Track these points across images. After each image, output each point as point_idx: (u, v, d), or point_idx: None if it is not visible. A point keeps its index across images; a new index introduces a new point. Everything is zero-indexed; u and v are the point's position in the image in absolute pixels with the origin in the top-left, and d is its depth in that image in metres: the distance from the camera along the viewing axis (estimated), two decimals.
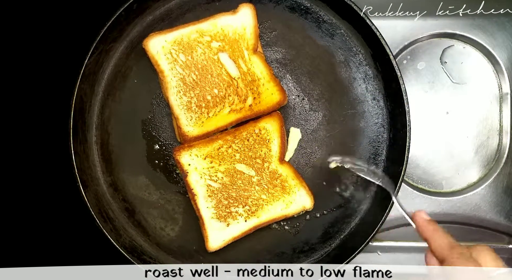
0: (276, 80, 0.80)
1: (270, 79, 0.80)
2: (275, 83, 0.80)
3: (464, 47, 0.91)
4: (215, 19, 0.79)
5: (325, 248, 0.83)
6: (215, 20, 0.79)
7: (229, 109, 0.80)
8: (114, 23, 0.79)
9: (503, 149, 0.90)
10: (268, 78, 0.80)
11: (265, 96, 0.80)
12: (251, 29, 0.79)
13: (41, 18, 0.92)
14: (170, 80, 0.79)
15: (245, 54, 0.79)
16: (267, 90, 0.80)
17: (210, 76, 0.80)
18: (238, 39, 0.79)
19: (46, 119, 0.91)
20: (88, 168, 0.82)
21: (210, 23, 0.79)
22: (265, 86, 0.80)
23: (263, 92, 0.80)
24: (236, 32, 0.79)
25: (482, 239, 0.91)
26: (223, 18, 0.79)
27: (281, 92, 0.80)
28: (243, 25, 0.79)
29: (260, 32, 0.83)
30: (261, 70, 0.80)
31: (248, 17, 0.79)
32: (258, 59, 0.80)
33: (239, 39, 0.79)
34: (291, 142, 0.84)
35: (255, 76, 0.80)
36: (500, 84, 0.91)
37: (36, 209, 0.92)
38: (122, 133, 0.84)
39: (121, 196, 0.83)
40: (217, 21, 0.79)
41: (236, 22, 0.79)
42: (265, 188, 0.81)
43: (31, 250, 0.91)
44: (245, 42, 0.79)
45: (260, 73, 0.80)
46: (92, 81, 0.82)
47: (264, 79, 0.80)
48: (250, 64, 0.80)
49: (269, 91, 0.80)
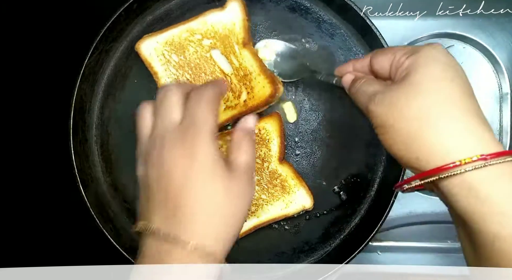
0: (267, 72, 0.79)
1: (260, 72, 0.79)
2: (265, 75, 0.79)
3: (464, 47, 0.91)
4: (205, 16, 0.79)
5: (325, 248, 0.83)
6: (205, 18, 0.79)
7: (224, 106, 0.80)
8: (114, 23, 0.79)
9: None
10: (258, 71, 0.79)
11: (258, 90, 0.80)
12: (240, 23, 0.79)
13: (41, 18, 0.92)
14: (164, 81, 0.80)
15: (235, 49, 0.79)
16: (258, 83, 0.79)
17: (203, 75, 0.80)
18: (228, 35, 0.79)
19: (46, 119, 0.91)
20: (88, 168, 0.82)
21: (199, 21, 0.79)
22: (256, 79, 0.79)
23: (255, 86, 0.79)
24: (226, 28, 0.79)
25: None
26: (212, 15, 0.79)
27: (272, 84, 0.78)
28: (232, 20, 0.79)
29: (260, 32, 0.83)
30: (251, 64, 0.79)
31: (236, 11, 0.79)
32: (248, 53, 0.79)
33: (229, 34, 0.79)
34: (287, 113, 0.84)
35: (246, 71, 0.79)
36: (500, 84, 0.91)
37: (36, 209, 0.92)
38: (122, 133, 0.84)
39: (121, 196, 0.83)
40: (206, 18, 0.79)
41: (225, 18, 0.79)
42: (265, 188, 0.81)
43: (31, 250, 0.91)
44: (235, 36, 0.79)
45: (250, 67, 0.79)
46: (92, 81, 0.82)
47: (255, 72, 0.79)
48: (241, 58, 0.79)
49: (261, 84, 0.79)
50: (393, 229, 0.90)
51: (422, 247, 0.91)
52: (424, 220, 0.90)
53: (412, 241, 0.91)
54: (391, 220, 0.89)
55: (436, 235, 0.91)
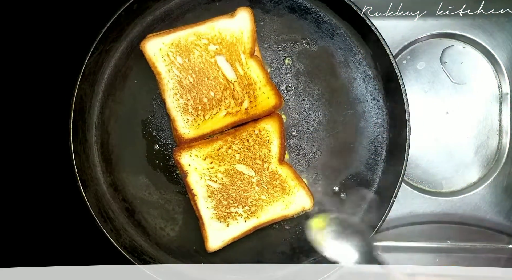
0: (272, 84, 0.80)
1: (266, 83, 0.80)
2: (271, 87, 0.80)
3: (464, 47, 0.91)
4: (213, 22, 0.79)
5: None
6: (213, 23, 0.79)
7: (225, 112, 0.80)
8: (114, 23, 0.79)
9: (503, 149, 0.90)
10: (264, 82, 0.80)
11: (261, 100, 0.80)
12: (249, 33, 0.79)
13: (41, 18, 0.92)
14: (167, 82, 0.80)
15: (242, 58, 0.80)
16: (263, 94, 0.80)
17: (207, 79, 0.80)
18: (235, 43, 0.79)
19: (46, 119, 0.91)
20: (88, 168, 0.82)
21: (207, 26, 0.79)
22: (261, 90, 0.80)
23: (259, 96, 0.80)
24: (234, 36, 0.79)
25: (482, 239, 0.91)
26: (221, 21, 0.79)
27: (277, 96, 0.80)
28: (241, 29, 0.79)
29: (260, 32, 0.83)
30: (257, 74, 0.80)
31: (245, 21, 0.79)
32: (255, 63, 0.80)
33: (236, 43, 0.79)
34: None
35: (251, 80, 0.80)
36: (500, 84, 0.91)
37: (36, 209, 0.92)
38: (122, 133, 0.84)
39: (121, 196, 0.83)
40: (214, 24, 0.79)
41: (233, 26, 0.79)
42: (265, 189, 0.81)
43: (31, 250, 0.91)
44: (242, 45, 0.80)
45: (256, 77, 0.80)
46: (92, 81, 0.82)
47: (260, 83, 0.80)
48: (246, 67, 0.80)
49: (265, 95, 0.80)
50: (393, 229, 0.90)
51: (422, 247, 0.91)
52: (424, 220, 0.90)
53: (412, 241, 0.91)
54: (391, 220, 0.89)
55: (436, 235, 0.91)
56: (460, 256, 0.91)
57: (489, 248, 0.91)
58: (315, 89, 0.84)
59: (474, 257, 0.91)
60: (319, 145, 0.84)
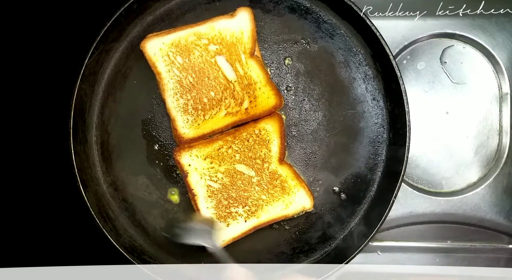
0: (273, 84, 0.80)
1: (266, 83, 0.80)
2: (271, 87, 0.80)
3: (464, 47, 0.91)
4: (213, 22, 0.79)
5: (325, 248, 0.83)
6: (213, 23, 0.79)
7: (225, 112, 0.80)
8: (114, 23, 0.79)
9: (503, 149, 0.90)
10: (264, 82, 0.80)
11: (261, 100, 0.80)
12: (249, 33, 0.79)
13: (41, 18, 0.92)
14: (167, 82, 0.80)
15: (242, 58, 0.80)
16: (263, 94, 0.80)
17: (207, 79, 0.80)
18: (235, 43, 0.79)
19: (46, 119, 0.91)
20: (88, 168, 0.82)
21: (207, 26, 0.79)
22: (261, 90, 0.80)
23: (259, 96, 0.80)
24: (234, 36, 0.79)
25: (481, 239, 0.91)
26: (221, 21, 0.79)
27: (277, 96, 0.80)
28: (241, 29, 0.79)
29: (260, 32, 0.83)
30: (257, 74, 0.80)
31: (246, 21, 0.79)
32: (255, 63, 0.80)
33: (236, 43, 0.79)
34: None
35: (251, 80, 0.80)
36: (500, 84, 0.91)
37: (36, 209, 0.92)
38: (122, 133, 0.84)
39: (121, 196, 0.83)
40: (214, 24, 0.79)
41: (233, 26, 0.79)
42: (265, 189, 0.81)
43: (31, 250, 0.91)
44: (242, 45, 0.80)
45: (256, 77, 0.80)
46: (92, 81, 0.82)
47: (260, 83, 0.80)
48: (247, 67, 0.80)
49: (265, 95, 0.80)
50: (393, 229, 0.90)
51: (422, 247, 0.91)
52: (424, 220, 0.90)
53: (412, 241, 0.91)
54: (391, 220, 0.89)
55: (436, 235, 0.91)
56: (460, 256, 0.91)
57: (489, 248, 0.91)
58: (315, 89, 0.84)
59: (474, 257, 0.91)
60: (319, 145, 0.84)
